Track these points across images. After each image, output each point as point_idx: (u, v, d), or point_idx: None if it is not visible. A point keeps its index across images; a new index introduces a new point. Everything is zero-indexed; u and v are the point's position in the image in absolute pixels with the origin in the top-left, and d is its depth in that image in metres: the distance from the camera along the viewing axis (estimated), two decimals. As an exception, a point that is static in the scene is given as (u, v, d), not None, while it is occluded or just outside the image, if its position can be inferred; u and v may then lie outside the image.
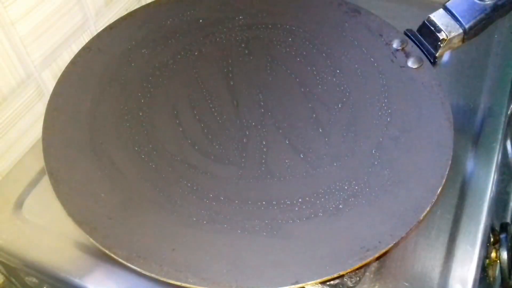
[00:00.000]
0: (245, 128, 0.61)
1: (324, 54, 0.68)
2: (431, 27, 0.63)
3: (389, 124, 0.60)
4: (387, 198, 0.53)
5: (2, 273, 0.61)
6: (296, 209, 0.53)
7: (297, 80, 0.66)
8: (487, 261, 0.55)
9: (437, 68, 0.65)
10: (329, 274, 0.47)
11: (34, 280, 0.59)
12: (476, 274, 0.52)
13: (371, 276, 0.53)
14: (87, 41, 0.70)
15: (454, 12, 0.63)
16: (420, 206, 0.51)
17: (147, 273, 0.47)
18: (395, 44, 0.66)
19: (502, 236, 0.55)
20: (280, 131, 0.60)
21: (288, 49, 0.69)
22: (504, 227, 0.56)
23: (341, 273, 0.47)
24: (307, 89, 0.65)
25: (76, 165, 0.56)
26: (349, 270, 0.47)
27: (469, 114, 0.66)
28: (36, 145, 0.66)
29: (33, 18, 0.63)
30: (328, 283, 0.52)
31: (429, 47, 0.65)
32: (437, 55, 0.64)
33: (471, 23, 0.62)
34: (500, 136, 0.63)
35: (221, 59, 0.68)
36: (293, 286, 0.46)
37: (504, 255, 0.54)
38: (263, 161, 0.58)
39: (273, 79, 0.66)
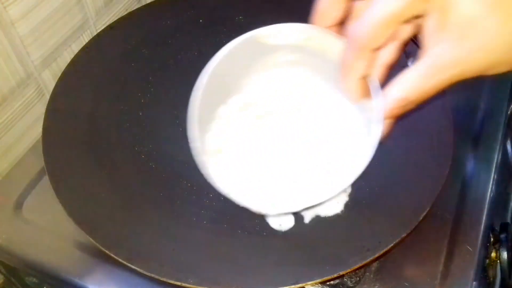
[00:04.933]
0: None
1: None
2: (431, 27, 0.63)
3: (389, 124, 0.60)
4: (387, 198, 0.53)
5: (2, 273, 0.61)
6: (296, 209, 0.53)
7: (297, 80, 0.66)
8: (487, 261, 0.55)
9: (437, 68, 0.65)
10: (329, 274, 0.47)
11: (34, 280, 0.59)
12: (476, 274, 0.52)
13: (371, 276, 0.52)
14: (87, 41, 0.70)
15: (454, 12, 0.63)
16: (420, 206, 0.51)
17: (147, 273, 0.47)
18: (395, 44, 0.66)
19: (502, 236, 0.55)
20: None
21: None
22: (504, 227, 0.56)
23: (341, 273, 0.47)
24: (307, 89, 0.65)
25: (76, 165, 0.56)
26: (349, 270, 0.47)
27: (469, 114, 0.66)
28: (36, 145, 0.66)
29: (33, 18, 0.63)
30: (328, 283, 0.52)
31: (429, 47, 0.65)
32: (437, 55, 0.64)
33: (471, 23, 0.62)
34: (500, 136, 0.63)
35: (221, 59, 0.68)
36: (293, 286, 0.46)
37: (504, 255, 0.54)
38: (263, 161, 0.58)
39: (273, 79, 0.66)
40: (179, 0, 0.75)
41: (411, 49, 0.66)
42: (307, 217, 0.52)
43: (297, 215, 0.53)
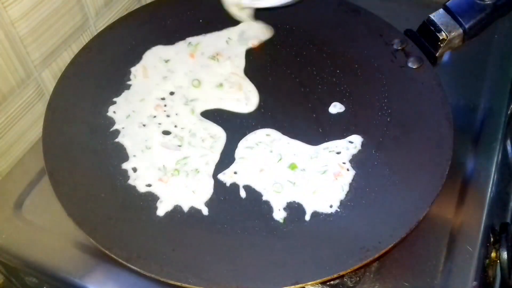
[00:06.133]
0: (245, 128, 0.61)
1: (324, 54, 0.68)
2: (431, 27, 0.63)
3: (389, 124, 0.60)
4: (387, 198, 0.53)
5: (2, 273, 0.61)
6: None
7: (297, 80, 0.66)
8: (487, 261, 0.55)
9: (437, 68, 0.65)
10: (329, 274, 0.47)
11: (34, 280, 0.59)
12: (476, 274, 0.52)
13: (371, 276, 0.53)
14: (87, 41, 0.70)
15: (454, 12, 0.63)
16: (420, 206, 0.51)
17: (147, 274, 0.47)
18: (395, 44, 0.66)
19: (502, 236, 0.55)
20: (280, 131, 0.60)
21: (288, 49, 0.69)
22: (504, 227, 0.56)
23: (341, 273, 0.47)
24: (307, 89, 0.65)
25: (76, 165, 0.56)
26: (349, 270, 0.47)
27: (469, 114, 0.66)
28: (36, 145, 0.66)
29: (33, 18, 0.63)
30: (328, 283, 0.52)
31: (429, 47, 0.65)
32: (437, 55, 0.64)
33: (471, 23, 0.62)
34: (500, 136, 0.63)
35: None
36: (293, 286, 0.46)
37: (504, 255, 0.54)
38: (263, 161, 0.58)
39: (273, 79, 0.66)
40: (179, 0, 0.75)
41: (411, 49, 0.66)
42: (308, 213, 0.52)
43: (298, 212, 0.53)
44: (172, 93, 0.64)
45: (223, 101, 0.63)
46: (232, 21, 0.71)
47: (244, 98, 0.63)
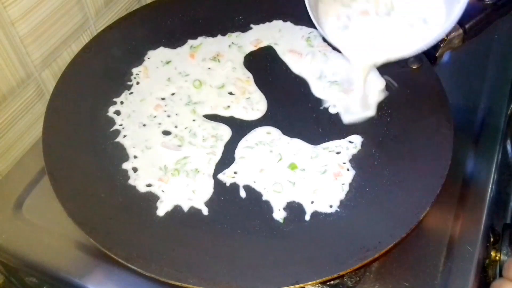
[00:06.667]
0: (245, 128, 0.61)
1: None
2: (431, 27, 0.63)
3: (389, 124, 0.60)
4: (387, 198, 0.53)
5: (2, 273, 0.61)
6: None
7: (297, 80, 0.66)
8: (487, 261, 0.55)
9: (437, 68, 0.65)
10: (329, 274, 0.47)
11: (34, 280, 0.59)
12: (476, 274, 0.52)
13: (371, 276, 0.53)
14: (87, 41, 0.70)
15: (454, 12, 0.63)
16: (420, 206, 0.51)
17: (147, 274, 0.47)
18: (395, 44, 0.66)
19: (505, 236, 0.55)
20: (280, 130, 0.60)
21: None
22: (505, 227, 0.56)
23: (341, 273, 0.47)
24: (307, 89, 0.65)
25: (76, 165, 0.56)
26: (349, 270, 0.47)
27: (469, 114, 0.66)
28: (36, 145, 0.66)
29: (33, 18, 0.63)
30: (328, 283, 0.52)
31: (429, 47, 0.65)
32: (437, 55, 0.64)
33: (471, 23, 0.62)
34: (500, 136, 0.63)
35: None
36: (293, 286, 0.46)
37: (504, 255, 0.54)
38: (263, 161, 0.58)
39: (273, 79, 0.66)
40: (179, 0, 0.75)
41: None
42: (308, 213, 0.52)
43: (298, 212, 0.53)
44: (173, 94, 0.64)
45: (230, 110, 0.63)
46: (232, 22, 0.71)
47: (249, 104, 0.63)
